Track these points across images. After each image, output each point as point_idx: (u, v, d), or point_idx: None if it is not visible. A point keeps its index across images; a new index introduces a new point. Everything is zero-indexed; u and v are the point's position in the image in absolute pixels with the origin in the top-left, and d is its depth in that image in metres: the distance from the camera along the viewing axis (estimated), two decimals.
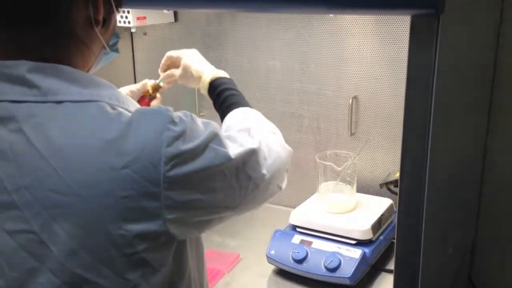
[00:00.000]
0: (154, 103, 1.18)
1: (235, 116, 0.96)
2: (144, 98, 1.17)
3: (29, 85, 0.64)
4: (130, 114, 0.66)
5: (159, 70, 1.20)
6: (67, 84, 0.66)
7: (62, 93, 0.65)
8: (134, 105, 0.73)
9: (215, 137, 0.71)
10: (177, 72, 1.16)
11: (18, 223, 0.62)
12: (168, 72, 1.18)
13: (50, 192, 0.61)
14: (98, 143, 0.62)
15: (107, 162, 0.62)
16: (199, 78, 1.11)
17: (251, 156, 0.77)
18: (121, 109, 0.67)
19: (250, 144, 0.78)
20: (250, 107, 1.00)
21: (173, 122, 0.66)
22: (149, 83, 1.20)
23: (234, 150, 0.73)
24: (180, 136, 0.65)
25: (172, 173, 0.64)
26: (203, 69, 1.12)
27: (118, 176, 0.61)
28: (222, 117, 1.00)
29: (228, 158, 0.71)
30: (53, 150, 0.62)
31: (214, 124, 0.73)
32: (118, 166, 0.62)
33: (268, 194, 0.84)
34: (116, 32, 0.78)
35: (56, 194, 0.61)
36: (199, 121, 0.71)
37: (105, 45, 0.74)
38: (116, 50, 0.80)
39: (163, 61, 1.19)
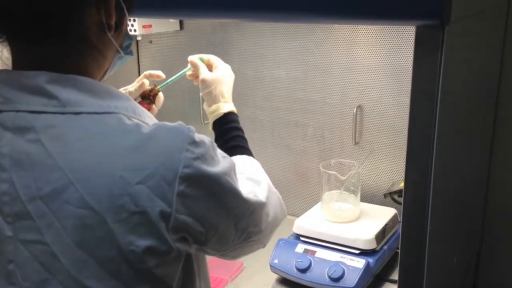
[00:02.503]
0: (157, 103, 1.10)
1: (245, 162, 0.93)
2: (143, 104, 1.07)
3: (48, 96, 0.64)
4: (148, 126, 0.66)
5: (192, 57, 1.10)
6: (86, 96, 0.66)
7: (80, 104, 0.65)
8: (150, 118, 0.73)
9: (231, 172, 0.70)
10: (205, 73, 1.07)
11: (32, 233, 0.62)
12: (199, 63, 1.08)
13: (65, 203, 0.61)
14: (115, 156, 0.62)
15: (123, 176, 0.61)
16: (216, 100, 1.04)
17: (258, 209, 0.77)
18: (137, 121, 0.67)
19: (261, 196, 0.78)
20: (252, 155, 0.98)
21: (193, 143, 0.65)
22: (146, 82, 1.10)
23: (246, 194, 0.73)
24: (198, 158, 0.65)
25: (184, 194, 0.64)
26: (228, 96, 1.06)
27: (132, 191, 0.61)
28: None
29: (240, 197, 0.71)
30: (70, 162, 0.62)
31: (231, 160, 0.72)
32: (133, 181, 0.61)
33: (252, 250, 0.83)
34: (129, 35, 0.78)
35: (70, 206, 0.61)
36: (219, 152, 0.71)
37: (119, 49, 0.74)
38: (130, 53, 0.80)
39: (205, 56, 1.10)
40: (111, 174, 0.62)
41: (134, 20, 1.53)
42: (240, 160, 0.93)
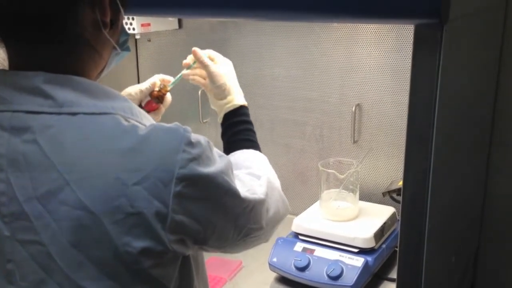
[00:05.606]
0: (165, 103, 1.11)
1: (247, 157, 0.93)
2: (152, 102, 1.09)
3: (45, 96, 0.64)
4: (144, 127, 0.66)
5: (185, 61, 1.10)
6: (82, 96, 0.66)
7: (77, 105, 0.65)
8: (147, 119, 0.73)
9: (228, 171, 0.70)
10: (215, 67, 1.06)
11: (29, 233, 0.62)
12: (204, 56, 1.06)
13: (61, 204, 0.61)
14: (112, 157, 0.62)
15: (119, 178, 0.61)
16: (229, 92, 1.04)
17: (258, 206, 0.77)
18: (134, 122, 0.67)
19: (260, 193, 0.78)
20: (260, 150, 0.98)
21: (190, 144, 0.65)
22: (157, 81, 1.11)
23: (243, 192, 0.73)
24: (195, 159, 0.65)
25: (181, 195, 0.63)
26: (238, 91, 1.06)
27: (129, 192, 0.61)
28: (229, 147, 0.98)
29: (237, 196, 0.72)
30: (67, 162, 0.62)
31: (228, 159, 0.72)
32: (130, 182, 0.61)
33: (254, 245, 0.83)
34: (125, 30, 0.78)
35: (66, 206, 0.61)
36: (215, 151, 0.71)
37: (116, 46, 0.74)
38: (127, 49, 0.80)
39: (200, 52, 1.06)
40: (108, 175, 0.61)
41: (133, 19, 1.53)
42: (244, 155, 0.93)
